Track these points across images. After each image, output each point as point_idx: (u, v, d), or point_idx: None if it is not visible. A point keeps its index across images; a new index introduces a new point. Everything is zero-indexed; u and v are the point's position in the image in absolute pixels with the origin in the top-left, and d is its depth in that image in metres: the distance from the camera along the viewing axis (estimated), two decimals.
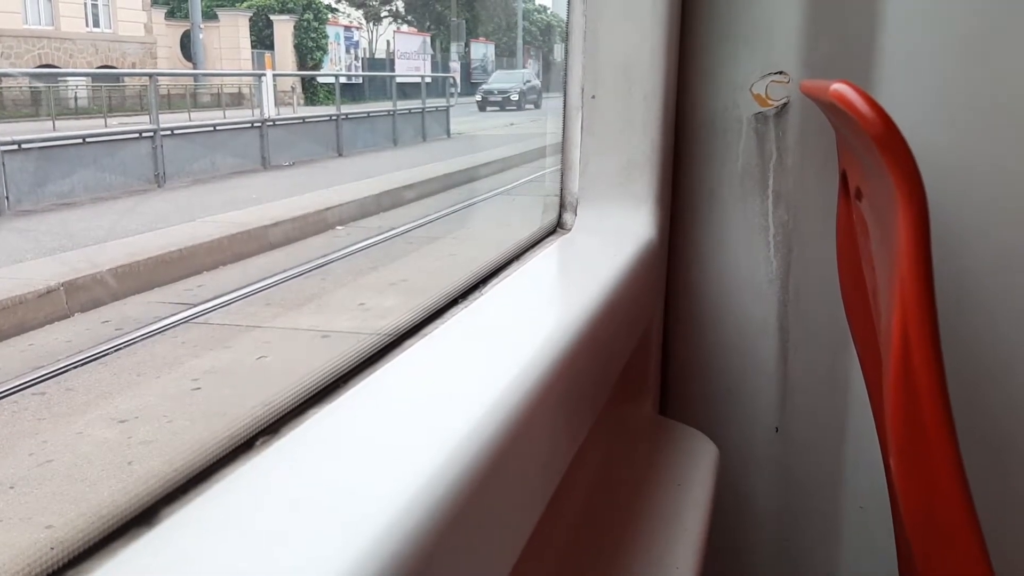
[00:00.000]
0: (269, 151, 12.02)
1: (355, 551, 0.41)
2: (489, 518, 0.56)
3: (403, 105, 17.49)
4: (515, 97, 25.69)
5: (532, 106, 26.17)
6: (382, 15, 30.49)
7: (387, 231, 9.05)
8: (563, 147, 1.22)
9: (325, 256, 7.83)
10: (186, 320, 5.88)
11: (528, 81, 27.28)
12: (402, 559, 0.43)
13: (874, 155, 0.62)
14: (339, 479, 0.49)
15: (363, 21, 29.18)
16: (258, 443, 0.52)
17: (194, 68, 18.64)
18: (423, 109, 17.58)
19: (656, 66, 1.16)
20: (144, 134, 10.05)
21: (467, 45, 31.67)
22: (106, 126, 12.22)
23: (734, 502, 1.29)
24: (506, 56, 34.36)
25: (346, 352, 0.66)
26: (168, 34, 20.58)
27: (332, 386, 0.62)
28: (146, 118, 10.84)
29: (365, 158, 14.03)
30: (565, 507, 0.93)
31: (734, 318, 1.27)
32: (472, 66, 31.63)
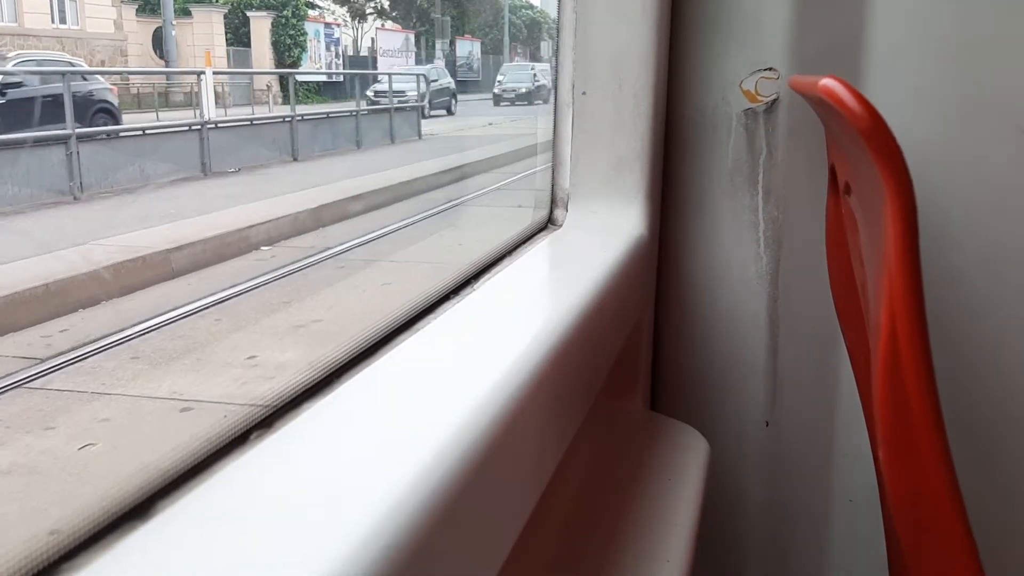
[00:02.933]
0: (211, 156, 10.56)
1: (348, 544, 0.41)
2: (480, 512, 0.57)
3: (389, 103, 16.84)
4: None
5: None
6: (367, 12, 29.83)
7: (319, 252, 7.60)
8: (554, 143, 1.23)
9: (233, 287, 6.29)
10: (15, 385, 4.41)
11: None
12: (394, 552, 0.43)
13: (862, 150, 0.62)
14: (332, 473, 0.49)
15: (348, 18, 28.58)
16: (252, 437, 0.52)
17: (166, 66, 17.83)
18: (391, 108, 16.07)
19: (646, 62, 1.16)
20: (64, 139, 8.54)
21: (452, 42, 31.10)
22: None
23: (724, 496, 1.29)
24: (492, 53, 33.66)
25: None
26: (140, 31, 19.57)
27: (326, 380, 0.62)
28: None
29: (320, 163, 12.66)
30: (556, 501, 0.94)
31: (724, 313, 1.27)
32: (458, 63, 30.60)
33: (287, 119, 12.96)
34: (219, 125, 12.04)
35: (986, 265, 1.14)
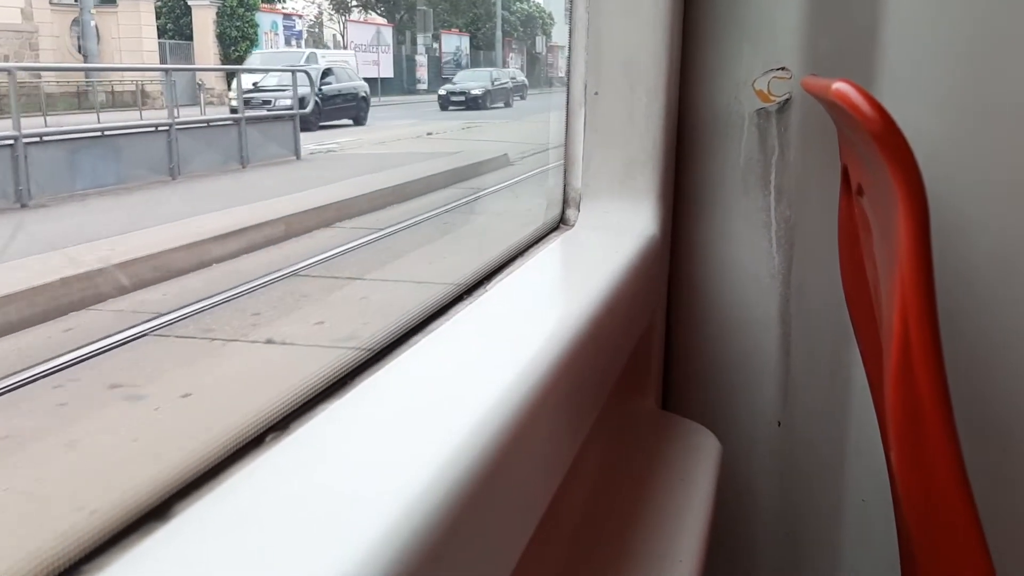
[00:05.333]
0: None
1: (363, 546, 0.42)
2: (494, 513, 0.57)
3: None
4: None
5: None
6: (351, 4, 27.00)
7: None
8: (566, 143, 1.23)
9: None
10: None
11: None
12: (409, 553, 0.43)
13: (874, 152, 0.62)
14: (347, 475, 0.50)
15: (330, 11, 26.17)
16: (268, 439, 0.53)
17: (85, 62, 14.68)
18: (240, 120, 9.71)
19: (658, 62, 1.16)
20: None
21: (435, 36, 28.39)
22: None
23: (736, 496, 1.30)
24: (484, 49, 30.79)
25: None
26: (55, 21, 15.62)
27: (340, 382, 0.63)
28: None
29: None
30: (568, 502, 0.94)
31: (736, 313, 1.27)
32: (444, 60, 28.14)
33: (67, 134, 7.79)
34: None
35: (999, 267, 1.14)
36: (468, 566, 0.52)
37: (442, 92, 22.34)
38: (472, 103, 21.44)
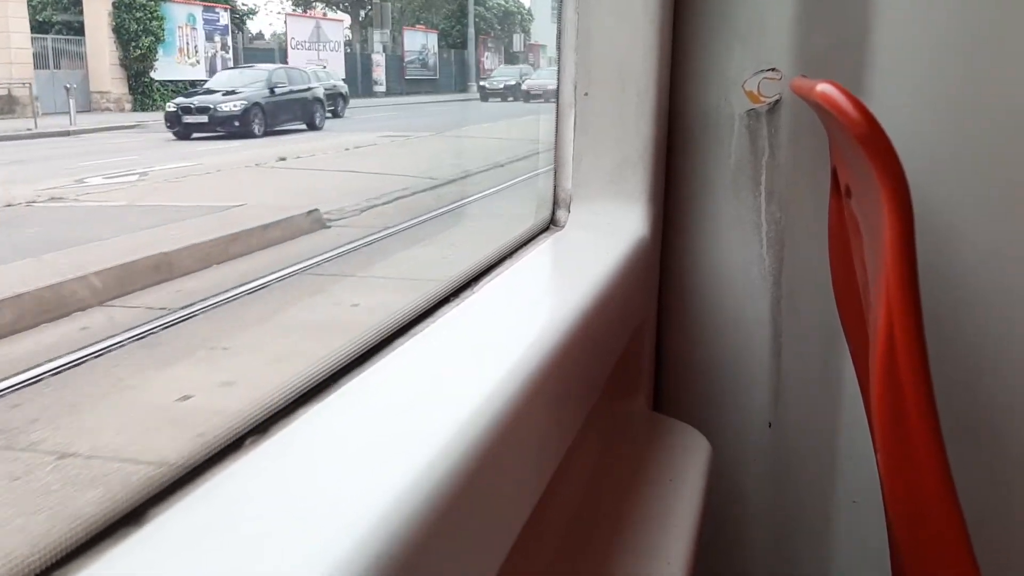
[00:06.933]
0: None
1: (343, 549, 0.41)
2: (478, 514, 0.57)
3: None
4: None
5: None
6: None
7: None
8: (556, 144, 1.23)
9: None
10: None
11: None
12: (390, 556, 0.43)
13: (860, 154, 0.62)
14: (328, 478, 0.50)
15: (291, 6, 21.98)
16: (247, 443, 0.53)
17: None
18: None
19: (648, 63, 1.16)
20: None
21: (392, 33, 24.84)
22: None
23: (727, 497, 1.29)
24: (456, 48, 27.70)
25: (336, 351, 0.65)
26: None
27: (322, 385, 0.62)
28: None
29: None
30: (557, 503, 0.94)
31: (727, 314, 1.27)
32: (407, 59, 24.80)
33: None
34: None
35: (985, 268, 1.14)
36: (450, 569, 0.52)
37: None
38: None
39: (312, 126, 13.64)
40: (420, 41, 25.87)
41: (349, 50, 22.47)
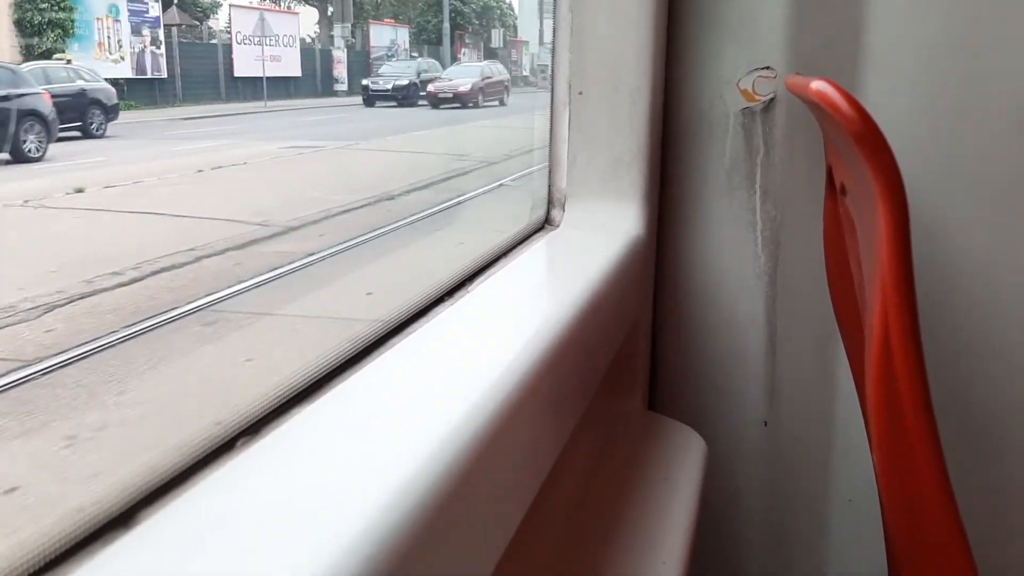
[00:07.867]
0: None
1: (335, 551, 0.41)
2: (472, 515, 0.56)
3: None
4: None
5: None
6: None
7: None
8: (551, 143, 1.23)
9: None
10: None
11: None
12: (382, 558, 0.43)
13: (854, 152, 0.62)
14: (320, 479, 0.49)
15: None
16: (239, 444, 0.52)
17: None
18: None
19: (643, 62, 1.16)
20: None
21: (354, 28, 22.41)
22: None
23: (722, 496, 1.29)
24: (430, 44, 25.20)
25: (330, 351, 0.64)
26: None
27: (315, 385, 0.62)
28: None
29: None
30: (552, 502, 0.94)
31: (722, 313, 1.27)
32: (373, 55, 22.10)
33: None
34: None
35: (981, 267, 1.14)
36: (444, 570, 0.51)
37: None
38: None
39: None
40: (389, 36, 23.57)
41: (321, 46, 20.60)
